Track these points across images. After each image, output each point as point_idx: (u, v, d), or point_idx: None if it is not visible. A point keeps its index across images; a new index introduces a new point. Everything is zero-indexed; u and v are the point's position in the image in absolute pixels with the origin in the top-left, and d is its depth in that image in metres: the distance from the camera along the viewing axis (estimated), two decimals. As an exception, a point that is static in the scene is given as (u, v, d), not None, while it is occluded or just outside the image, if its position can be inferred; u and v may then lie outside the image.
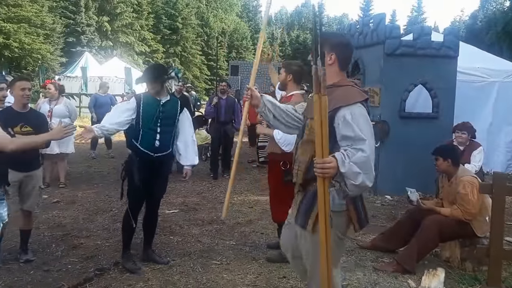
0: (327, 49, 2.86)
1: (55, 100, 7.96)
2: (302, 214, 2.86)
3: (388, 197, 7.77)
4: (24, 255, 4.82)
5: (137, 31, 47.81)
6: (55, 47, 39.50)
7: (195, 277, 4.46)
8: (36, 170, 4.86)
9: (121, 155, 11.81)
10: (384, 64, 7.80)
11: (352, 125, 2.64)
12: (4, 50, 34.18)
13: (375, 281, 4.43)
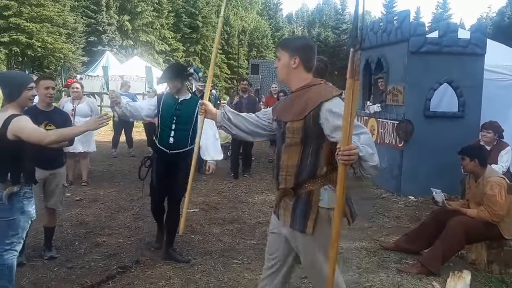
0: (290, 54, 2.85)
1: (78, 99, 8.00)
2: (300, 219, 2.77)
3: (411, 198, 7.65)
4: (48, 252, 4.88)
5: (158, 30, 48.08)
6: (77, 47, 40.01)
7: (217, 276, 4.45)
8: (60, 168, 4.94)
9: (141, 154, 11.88)
10: (409, 62, 7.67)
11: (343, 115, 2.51)
12: (27, 49, 34.76)
13: (398, 283, 4.37)
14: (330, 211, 2.70)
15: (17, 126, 3.47)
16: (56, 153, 4.78)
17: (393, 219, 6.60)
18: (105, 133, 15.57)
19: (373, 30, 8.74)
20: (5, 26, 33.82)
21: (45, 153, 4.42)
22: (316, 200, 2.75)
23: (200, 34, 53.68)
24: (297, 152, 2.78)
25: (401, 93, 7.79)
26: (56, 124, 4.69)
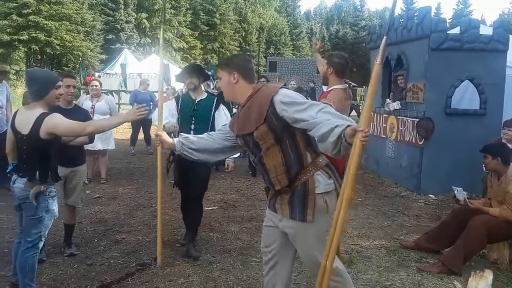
0: (228, 71, 2.99)
1: (97, 97, 8.05)
2: (299, 208, 2.83)
3: (432, 196, 7.56)
4: (68, 249, 4.92)
5: (175, 27, 48.20)
6: (95, 44, 40.28)
7: (235, 274, 4.45)
8: (81, 165, 4.99)
9: (159, 151, 11.98)
10: (429, 59, 7.56)
11: (295, 99, 2.75)
12: (46, 47, 35.10)
13: (419, 282, 4.33)
14: (325, 196, 2.83)
15: (51, 124, 3.51)
16: (77, 151, 4.85)
17: (413, 217, 6.54)
18: (123, 131, 15.67)
19: (393, 27, 8.63)
20: (24, 24, 34.18)
21: (67, 151, 4.51)
22: (313, 187, 2.82)
23: (218, 32, 53.69)
24: (277, 151, 2.85)
25: (422, 90, 7.69)
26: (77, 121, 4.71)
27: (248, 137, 2.93)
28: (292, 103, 2.73)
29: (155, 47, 43.53)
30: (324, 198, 2.84)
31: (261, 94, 2.88)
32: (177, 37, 48.52)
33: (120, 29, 44.38)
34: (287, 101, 2.75)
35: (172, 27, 47.53)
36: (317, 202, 2.83)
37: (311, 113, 2.65)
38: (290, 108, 2.72)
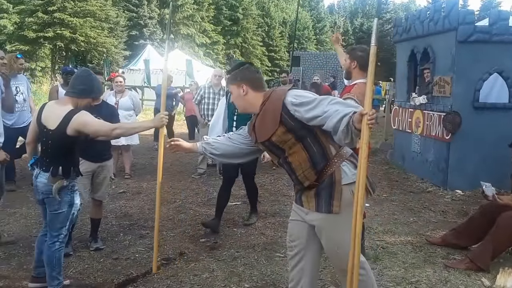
0: (237, 85, 3.06)
1: (121, 93, 8.13)
2: (326, 200, 2.87)
3: (459, 192, 7.43)
4: (94, 243, 4.97)
5: (198, 22, 48.23)
6: (119, 41, 40.59)
7: (260, 269, 4.44)
8: (107, 160, 5.05)
9: (183, 147, 12.03)
10: (457, 51, 7.41)
11: (306, 99, 2.78)
12: (71, 44, 35.55)
13: (446, 279, 4.26)
14: (352, 187, 2.78)
15: (80, 122, 3.55)
16: (104, 146, 4.93)
17: (439, 213, 6.44)
18: (147, 126, 15.76)
19: (419, 19, 8.47)
20: (50, 21, 34.66)
21: (94, 147, 4.66)
22: (339, 179, 2.86)
23: (241, 27, 53.55)
24: (301, 149, 2.89)
25: (449, 84, 7.55)
26: (104, 117, 4.70)
27: (267, 142, 2.96)
28: (302, 104, 2.77)
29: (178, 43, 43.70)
30: (351, 189, 2.81)
31: (272, 99, 2.92)
32: (200, 32, 48.59)
33: (144, 25, 44.62)
34: (297, 103, 2.79)
35: (195, 22, 47.62)
36: (344, 193, 2.85)
37: (322, 108, 2.68)
38: (301, 108, 2.77)
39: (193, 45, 46.66)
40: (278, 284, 4.12)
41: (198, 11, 47.89)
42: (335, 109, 2.61)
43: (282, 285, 4.10)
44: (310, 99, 2.78)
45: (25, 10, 34.83)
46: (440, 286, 4.11)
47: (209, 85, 8.50)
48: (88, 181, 4.85)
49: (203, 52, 47.74)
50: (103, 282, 4.14)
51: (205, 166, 8.76)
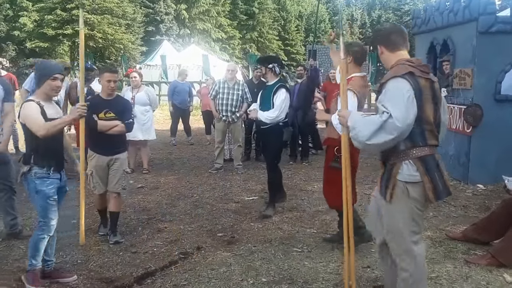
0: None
1: (137, 88, 8.20)
2: (384, 187, 3.14)
3: (480, 186, 7.29)
4: (113, 237, 5.03)
5: (214, 17, 48.27)
6: (136, 37, 40.93)
7: (277, 263, 4.42)
8: (121, 153, 5.10)
9: (200, 142, 12.12)
10: (477, 43, 7.24)
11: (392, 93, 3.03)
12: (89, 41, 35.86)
13: (466, 274, 4.19)
14: (407, 184, 3.02)
15: (23, 113, 3.78)
16: (117, 139, 5.01)
17: (460, 208, 6.33)
18: (164, 121, 15.87)
19: (439, 10, 8.31)
20: (68, 18, 35.09)
21: (107, 140, 4.89)
22: (396, 173, 3.06)
23: (256, 21, 53.43)
24: None
25: (469, 76, 7.40)
26: (115, 112, 4.97)
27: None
28: (385, 95, 3.03)
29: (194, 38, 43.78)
30: (405, 186, 3.03)
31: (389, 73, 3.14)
32: (216, 27, 48.59)
33: (160, 20, 44.81)
34: (385, 93, 3.05)
35: (211, 17, 47.62)
36: (397, 186, 3.05)
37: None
38: (385, 95, 3.04)
39: (209, 40, 46.71)
40: (295, 279, 4.09)
41: (214, 6, 47.90)
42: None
43: (300, 279, 4.08)
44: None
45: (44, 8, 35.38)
46: (460, 282, 4.04)
47: (224, 80, 8.49)
48: (103, 173, 4.98)
49: (219, 47, 47.75)
50: (122, 275, 4.19)
51: (222, 161, 8.75)
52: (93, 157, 4.99)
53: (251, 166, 9.13)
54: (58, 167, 3.96)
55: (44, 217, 3.88)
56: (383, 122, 2.87)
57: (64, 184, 4.07)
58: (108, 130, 4.88)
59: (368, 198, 6.75)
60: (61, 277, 4.05)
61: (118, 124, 4.92)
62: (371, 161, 9.74)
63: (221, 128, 8.57)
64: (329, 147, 4.73)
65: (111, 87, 4.96)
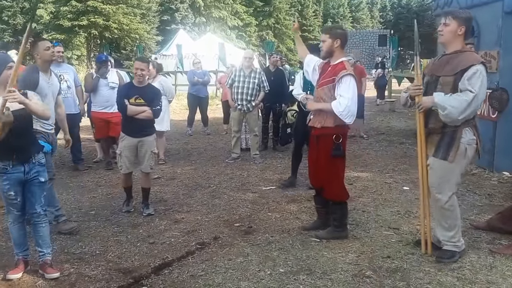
0: (458, 23, 3.89)
1: (152, 78, 8.15)
2: (444, 149, 3.87)
3: (506, 174, 7.14)
4: (146, 209, 5.59)
5: (229, 5, 47.95)
6: (151, 26, 41.00)
7: (294, 254, 4.39)
8: (148, 136, 5.55)
9: (216, 132, 12.10)
10: (503, 24, 7.04)
11: (474, 78, 3.85)
12: (105, 31, 36.13)
13: (491, 265, 4.10)
14: (467, 145, 3.86)
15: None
16: (145, 123, 5.46)
17: (485, 197, 6.20)
18: (180, 111, 15.85)
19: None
20: (83, 9, 35.31)
21: (134, 123, 5.39)
22: (459, 136, 3.84)
23: (273, 7, 52.88)
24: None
25: (495, 58, 7.20)
26: (145, 98, 5.45)
27: (434, 77, 4.02)
28: (470, 80, 3.75)
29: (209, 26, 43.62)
30: (466, 147, 3.85)
31: (465, 56, 3.86)
32: (232, 14, 48.29)
33: (175, 9, 44.67)
34: (472, 77, 3.74)
35: (227, 4, 47.32)
36: (460, 147, 3.84)
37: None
38: (468, 81, 3.76)
39: (225, 28, 46.48)
40: (313, 269, 4.05)
41: (229, -7, 47.51)
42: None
43: (318, 270, 4.04)
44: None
45: (60, -1, 35.56)
46: (484, 272, 3.96)
47: (240, 68, 8.41)
48: (130, 154, 5.48)
49: (236, 34, 47.49)
50: (140, 265, 4.22)
51: (239, 151, 8.69)
52: (123, 138, 5.52)
53: (268, 156, 9.07)
54: (21, 159, 3.85)
55: (6, 206, 4.01)
56: (471, 100, 3.67)
57: (34, 177, 3.93)
58: (136, 114, 5.38)
59: (389, 187, 6.73)
60: (45, 271, 4.00)
61: (146, 109, 5.40)
62: (391, 149, 9.68)
63: (237, 117, 8.49)
64: (323, 136, 4.59)
65: (139, 74, 5.41)
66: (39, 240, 4.06)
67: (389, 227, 5.06)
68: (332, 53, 4.55)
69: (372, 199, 6.09)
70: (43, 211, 4.05)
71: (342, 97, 4.38)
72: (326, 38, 4.51)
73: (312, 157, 4.84)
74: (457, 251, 4.11)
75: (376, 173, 7.55)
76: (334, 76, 4.45)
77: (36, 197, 3.99)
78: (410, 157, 8.77)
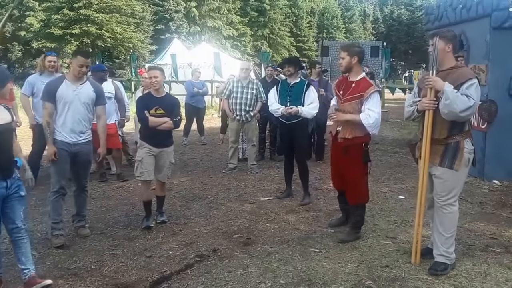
0: (445, 41, 4.10)
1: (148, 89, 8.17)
2: (450, 159, 4.10)
3: (496, 182, 7.30)
4: (160, 217, 5.72)
5: (225, 15, 48.02)
6: (145, 35, 40.79)
7: (294, 265, 4.42)
8: (167, 147, 5.64)
9: (213, 142, 12.07)
10: (491, 38, 7.24)
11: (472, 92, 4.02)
12: (98, 40, 35.92)
13: (485, 272, 4.21)
14: (469, 155, 4.13)
15: None
16: (164, 134, 5.53)
17: (476, 205, 6.33)
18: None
19: (451, 6, 8.28)
20: (76, 18, 35.00)
21: (154, 134, 5.45)
22: (463, 147, 4.09)
23: (268, 17, 53.11)
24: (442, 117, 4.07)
25: (483, 72, 7.37)
26: (165, 108, 5.49)
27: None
28: (469, 87, 3.97)
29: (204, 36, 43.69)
30: (467, 157, 4.11)
31: (462, 71, 4.11)
32: (227, 24, 48.42)
33: (170, 18, 44.64)
34: (468, 86, 3.96)
35: (222, 14, 47.46)
36: (464, 157, 4.09)
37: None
38: (466, 89, 3.95)
39: (220, 38, 46.54)
40: (314, 280, 4.09)
41: (224, 3, 47.66)
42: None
43: (318, 280, 4.08)
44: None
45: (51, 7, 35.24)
46: (480, 280, 4.06)
47: (237, 79, 8.48)
48: (151, 161, 5.52)
49: (231, 44, 47.58)
50: (138, 280, 4.17)
51: (236, 161, 8.73)
52: (143, 146, 5.55)
53: (265, 166, 9.12)
54: (4, 175, 3.81)
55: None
56: (471, 105, 3.89)
57: (14, 191, 3.88)
58: (157, 126, 5.43)
59: (384, 196, 6.83)
60: (36, 283, 3.90)
61: (167, 121, 5.45)
62: (385, 158, 9.77)
63: (235, 128, 8.55)
64: (354, 145, 4.96)
65: (153, 82, 5.46)
66: (22, 257, 3.94)
67: (386, 236, 5.14)
68: (351, 69, 4.96)
69: (369, 209, 6.04)
70: (23, 226, 3.95)
71: (371, 111, 4.80)
72: (345, 55, 4.90)
73: (338, 164, 5.20)
74: (449, 263, 4.23)
75: (371, 182, 7.46)
76: (362, 92, 4.85)
77: (16, 211, 3.90)
78: (405, 166, 8.88)
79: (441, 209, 4.21)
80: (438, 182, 4.19)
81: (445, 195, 4.17)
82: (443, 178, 4.14)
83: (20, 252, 3.93)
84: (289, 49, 54.44)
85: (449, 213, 4.19)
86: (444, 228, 4.20)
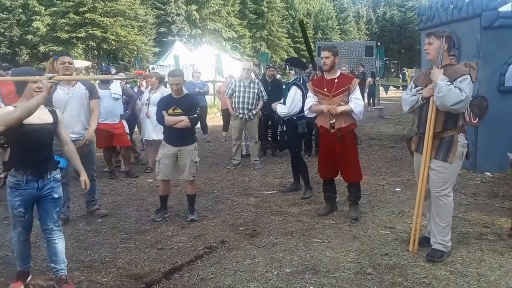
0: (440, 40, 4.25)
1: (154, 89, 8.42)
2: (444, 152, 4.28)
3: (488, 174, 7.49)
4: (190, 215, 5.77)
5: (224, 17, 48.30)
6: (148, 38, 41.03)
7: (299, 254, 4.55)
8: (188, 145, 5.70)
9: (216, 139, 12.22)
10: (481, 37, 7.45)
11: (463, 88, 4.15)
12: (103, 43, 36.18)
13: (480, 258, 4.36)
14: (463, 149, 4.29)
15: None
16: (183, 132, 5.62)
17: (470, 196, 6.50)
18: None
19: (443, 7, 8.49)
20: (81, 21, 35.34)
21: (173, 133, 5.59)
22: (457, 141, 4.26)
23: (266, 20, 53.40)
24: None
25: (474, 69, 7.56)
26: (183, 108, 5.61)
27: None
28: (462, 82, 4.11)
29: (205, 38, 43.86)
30: (461, 150, 4.27)
31: (456, 68, 4.27)
32: (226, 27, 48.65)
33: (171, 22, 44.88)
34: (461, 81, 4.11)
35: (221, 17, 47.67)
36: (458, 150, 4.25)
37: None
38: (460, 83, 4.10)
39: (221, 40, 46.71)
40: (318, 268, 4.22)
41: (223, 6, 47.87)
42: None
43: (322, 269, 4.22)
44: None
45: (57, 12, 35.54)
46: (474, 266, 4.21)
47: (239, 79, 8.73)
48: (170, 162, 5.67)
49: (230, 46, 47.75)
50: (151, 271, 4.30)
51: (240, 157, 8.92)
52: (164, 146, 5.73)
53: (267, 161, 9.26)
54: (37, 174, 3.72)
55: (13, 222, 3.87)
56: (463, 99, 4.03)
57: (47, 192, 3.82)
58: (174, 124, 5.56)
59: (382, 189, 6.95)
60: (61, 287, 3.89)
61: (183, 119, 5.56)
62: (382, 153, 9.94)
63: (238, 126, 8.76)
64: (349, 132, 5.54)
65: (174, 89, 5.66)
66: (53, 256, 3.94)
67: (385, 227, 5.29)
68: (333, 67, 5.53)
69: (368, 201, 6.29)
70: (56, 227, 3.92)
71: (359, 100, 5.50)
72: (330, 55, 5.46)
73: (333, 152, 5.59)
74: (446, 251, 4.40)
75: (370, 176, 7.73)
76: (349, 85, 5.49)
77: (48, 213, 3.86)
78: (400, 160, 9.06)
79: (437, 200, 4.37)
80: (433, 174, 4.34)
81: (440, 186, 4.32)
82: (438, 170, 4.30)
83: (52, 251, 3.94)
84: (287, 50, 54.59)
85: (444, 203, 4.35)
86: (440, 218, 4.37)
